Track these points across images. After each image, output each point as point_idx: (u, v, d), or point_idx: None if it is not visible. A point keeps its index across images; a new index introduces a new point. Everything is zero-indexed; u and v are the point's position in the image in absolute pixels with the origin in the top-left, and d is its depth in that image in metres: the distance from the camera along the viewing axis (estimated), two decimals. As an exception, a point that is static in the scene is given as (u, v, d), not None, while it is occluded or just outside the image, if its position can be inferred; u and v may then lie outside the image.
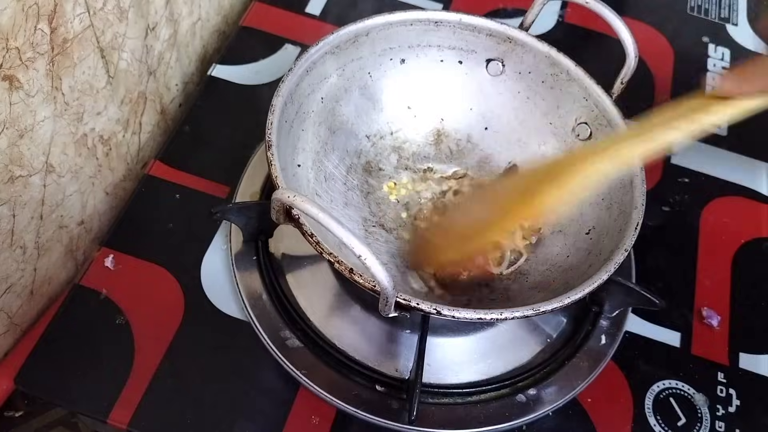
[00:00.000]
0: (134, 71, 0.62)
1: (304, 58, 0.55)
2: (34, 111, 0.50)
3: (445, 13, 0.60)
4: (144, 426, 0.52)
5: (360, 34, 0.58)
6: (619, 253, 0.49)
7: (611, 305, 0.58)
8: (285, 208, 0.47)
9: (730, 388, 0.58)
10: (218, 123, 0.67)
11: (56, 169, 0.55)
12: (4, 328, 0.56)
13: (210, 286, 0.58)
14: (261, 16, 0.75)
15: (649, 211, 0.52)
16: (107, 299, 0.56)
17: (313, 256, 0.58)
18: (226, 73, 0.70)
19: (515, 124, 0.63)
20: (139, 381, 0.53)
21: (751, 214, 0.68)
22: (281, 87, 0.53)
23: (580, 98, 0.59)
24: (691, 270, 0.64)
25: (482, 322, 0.56)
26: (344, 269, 0.46)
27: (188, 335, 0.55)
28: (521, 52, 0.61)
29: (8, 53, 0.46)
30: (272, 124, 0.51)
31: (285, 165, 0.52)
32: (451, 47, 0.62)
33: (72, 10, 0.51)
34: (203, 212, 0.58)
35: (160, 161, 0.64)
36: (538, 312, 0.46)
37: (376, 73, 0.62)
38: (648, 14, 0.83)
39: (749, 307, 0.62)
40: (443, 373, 0.55)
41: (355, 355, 0.55)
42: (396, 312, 0.45)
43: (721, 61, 0.79)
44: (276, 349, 0.54)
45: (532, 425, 0.55)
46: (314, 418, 0.53)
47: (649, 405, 0.56)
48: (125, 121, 0.63)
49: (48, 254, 0.58)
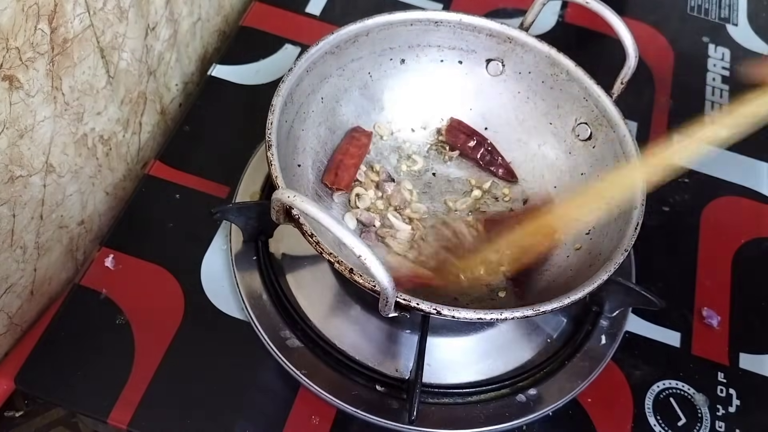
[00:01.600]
0: (134, 71, 0.62)
1: (304, 58, 0.55)
2: (34, 111, 0.50)
3: (445, 14, 0.60)
4: (144, 426, 0.52)
5: (360, 34, 0.58)
6: (619, 253, 0.49)
7: (611, 305, 0.57)
8: (285, 208, 0.47)
9: (730, 388, 0.58)
10: (218, 123, 0.67)
11: (56, 169, 0.55)
12: (4, 328, 0.56)
13: (210, 286, 0.58)
14: (261, 16, 0.75)
15: (649, 211, 0.52)
16: (107, 299, 0.56)
17: (313, 256, 0.58)
18: (226, 73, 0.70)
19: (515, 124, 0.63)
20: (139, 381, 0.53)
21: (751, 214, 0.68)
22: (281, 87, 0.53)
23: (580, 98, 0.59)
24: (691, 270, 0.64)
25: (482, 323, 0.56)
26: (344, 269, 0.46)
27: (188, 335, 0.55)
28: (521, 52, 0.61)
29: (8, 53, 0.46)
30: (272, 124, 0.51)
31: (285, 165, 0.52)
32: (451, 47, 0.62)
33: (72, 10, 0.51)
34: (203, 212, 0.58)
35: (160, 161, 0.64)
36: (538, 312, 0.46)
37: (376, 73, 0.62)
38: (648, 14, 0.83)
39: (749, 307, 0.62)
40: (443, 373, 0.55)
41: (355, 355, 0.55)
42: (396, 312, 0.45)
43: (721, 61, 0.79)
44: (276, 349, 0.54)
45: (532, 425, 0.55)
46: (314, 418, 0.53)
47: (649, 405, 0.56)
48: (125, 121, 0.63)
49: (48, 254, 0.58)
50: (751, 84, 0.50)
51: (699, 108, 0.75)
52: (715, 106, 0.75)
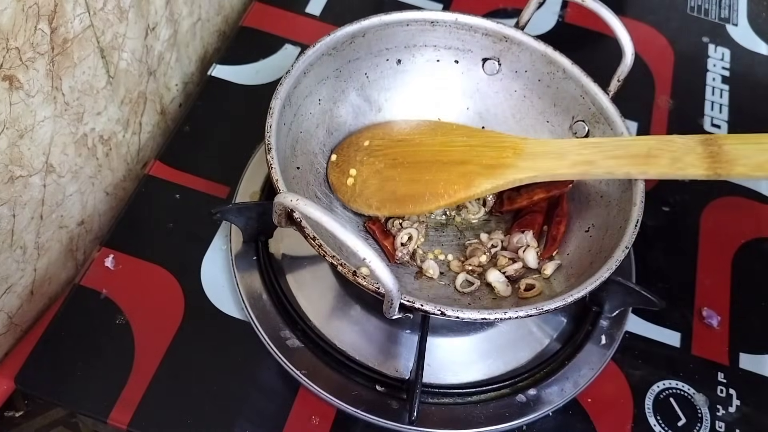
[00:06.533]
0: (134, 71, 0.62)
1: (302, 60, 0.55)
2: (34, 111, 0.50)
3: (441, 13, 0.60)
4: (144, 426, 0.52)
5: (356, 35, 0.58)
6: (619, 250, 0.49)
7: (611, 305, 0.57)
8: (287, 211, 0.47)
9: (730, 388, 0.58)
10: (218, 123, 0.67)
11: (56, 169, 0.55)
12: (4, 328, 0.56)
13: (210, 286, 0.58)
14: (261, 16, 0.75)
15: (649, 211, 0.52)
16: (107, 299, 0.56)
17: (313, 256, 0.58)
18: (226, 73, 0.70)
19: (512, 122, 0.63)
20: (139, 381, 0.53)
21: (751, 214, 0.68)
22: (279, 89, 0.53)
23: (576, 96, 0.59)
24: (691, 270, 0.64)
25: (485, 322, 0.56)
26: (347, 272, 0.46)
27: (188, 335, 0.55)
28: (517, 51, 0.61)
29: (8, 53, 0.46)
30: (271, 127, 0.51)
31: (285, 168, 0.52)
32: (448, 47, 0.62)
33: (72, 10, 0.51)
34: (203, 212, 0.58)
35: (160, 161, 0.64)
36: (541, 311, 0.46)
37: (373, 74, 0.62)
38: (648, 14, 0.83)
39: (749, 307, 0.62)
40: (443, 373, 0.55)
41: (355, 355, 0.55)
42: (400, 314, 0.45)
43: (721, 61, 0.79)
44: (276, 349, 0.54)
45: (532, 425, 0.55)
46: (314, 418, 0.53)
47: (649, 405, 0.56)
48: (125, 121, 0.63)
49: (48, 254, 0.58)
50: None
51: (699, 108, 0.75)
52: (715, 106, 0.75)
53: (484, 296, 0.55)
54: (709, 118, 0.74)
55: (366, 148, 0.60)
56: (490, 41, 0.61)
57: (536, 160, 0.55)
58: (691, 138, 0.53)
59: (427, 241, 0.59)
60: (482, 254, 0.57)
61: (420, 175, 0.57)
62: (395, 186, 0.57)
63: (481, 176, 0.56)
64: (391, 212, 0.57)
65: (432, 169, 0.57)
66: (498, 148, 0.57)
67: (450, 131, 0.60)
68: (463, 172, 0.57)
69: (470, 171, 0.56)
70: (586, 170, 0.54)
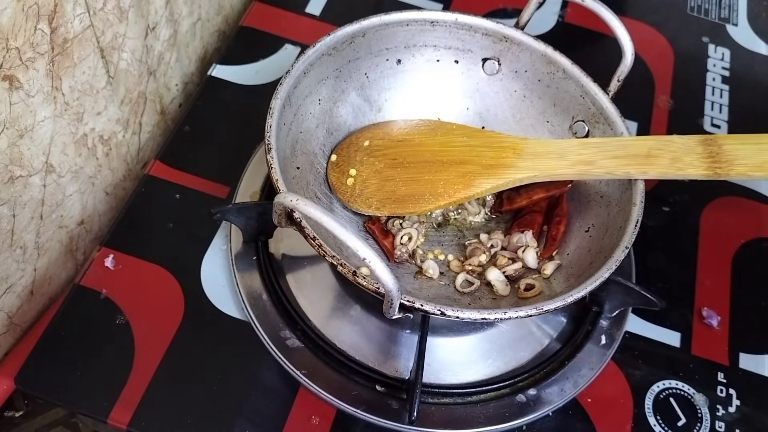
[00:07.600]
0: (134, 71, 0.62)
1: (302, 60, 0.55)
2: (34, 111, 0.50)
3: (440, 13, 0.60)
4: (144, 426, 0.52)
5: (356, 35, 0.58)
6: (619, 250, 0.49)
7: (611, 305, 0.57)
8: (287, 211, 0.47)
9: (730, 388, 0.58)
10: (218, 123, 0.67)
11: (56, 169, 0.55)
12: (4, 328, 0.56)
13: (210, 286, 0.58)
14: (261, 16, 0.75)
15: (649, 211, 0.52)
16: (107, 299, 0.56)
17: (313, 256, 0.58)
18: (226, 73, 0.70)
19: (512, 122, 0.63)
20: (139, 381, 0.53)
21: (751, 214, 0.68)
22: (279, 90, 0.53)
23: (576, 96, 0.59)
24: (691, 270, 0.64)
25: (485, 322, 0.56)
26: (347, 272, 0.46)
27: (188, 335, 0.55)
28: (517, 51, 0.61)
29: (8, 53, 0.46)
30: (271, 127, 0.51)
31: (285, 168, 0.52)
32: (447, 47, 0.62)
33: (72, 10, 0.51)
34: (203, 212, 0.58)
35: (160, 161, 0.64)
36: (541, 311, 0.46)
37: (373, 74, 0.62)
38: (648, 14, 0.83)
39: (749, 307, 0.62)
40: (443, 373, 0.55)
41: (355, 355, 0.55)
42: (400, 314, 0.45)
43: (721, 61, 0.79)
44: (276, 349, 0.54)
45: (532, 425, 0.55)
46: (314, 418, 0.53)
47: (649, 405, 0.56)
48: (125, 121, 0.63)
49: (48, 254, 0.58)
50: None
51: (699, 108, 0.75)
52: (715, 106, 0.75)
53: (483, 296, 0.55)
54: (709, 118, 0.74)
55: (366, 148, 0.60)
56: (490, 41, 0.61)
57: (536, 160, 0.55)
58: (691, 138, 0.53)
59: (426, 241, 0.59)
60: (482, 254, 0.57)
61: (420, 175, 0.57)
62: (395, 186, 0.58)
63: (481, 176, 0.56)
64: (391, 212, 0.57)
65: (432, 169, 0.58)
66: (498, 148, 0.57)
67: (450, 131, 0.60)
68: (463, 172, 0.57)
69: (470, 171, 0.56)
70: (586, 170, 0.54)
